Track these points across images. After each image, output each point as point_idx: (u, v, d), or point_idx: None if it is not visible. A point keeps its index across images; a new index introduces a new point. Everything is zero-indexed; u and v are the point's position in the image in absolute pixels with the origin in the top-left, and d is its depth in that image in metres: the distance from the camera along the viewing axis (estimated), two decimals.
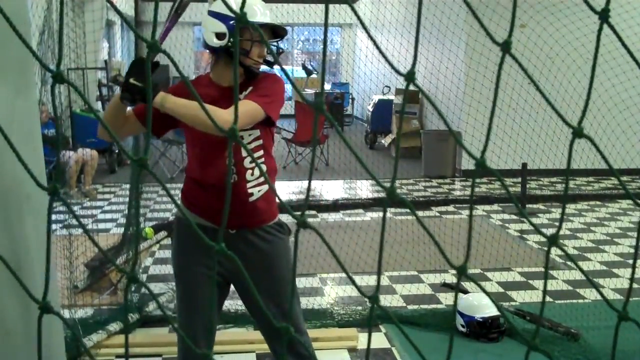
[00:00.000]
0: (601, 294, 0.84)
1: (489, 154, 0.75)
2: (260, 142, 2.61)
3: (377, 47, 0.81)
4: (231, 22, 2.49)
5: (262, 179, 2.56)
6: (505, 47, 0.75)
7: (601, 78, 8.35)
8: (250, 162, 2.55)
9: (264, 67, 2.66)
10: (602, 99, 8.16)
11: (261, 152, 2.61)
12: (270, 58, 2.61)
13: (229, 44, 2.50)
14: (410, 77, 0.75)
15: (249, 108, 2.43)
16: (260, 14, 2.54)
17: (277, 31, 2.63)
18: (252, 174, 2.57)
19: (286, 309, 2.66)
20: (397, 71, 0.79)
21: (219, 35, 2.52)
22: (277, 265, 2.68)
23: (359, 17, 0.83)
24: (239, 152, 2.55)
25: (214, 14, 2.55)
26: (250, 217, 2.61)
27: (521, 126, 8.32)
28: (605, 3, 0.77)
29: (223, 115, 2.34)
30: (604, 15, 0.76)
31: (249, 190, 2.57)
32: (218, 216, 2.50)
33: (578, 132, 0.78)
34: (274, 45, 2.72)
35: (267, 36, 2.59)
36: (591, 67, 0.80)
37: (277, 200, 2.72)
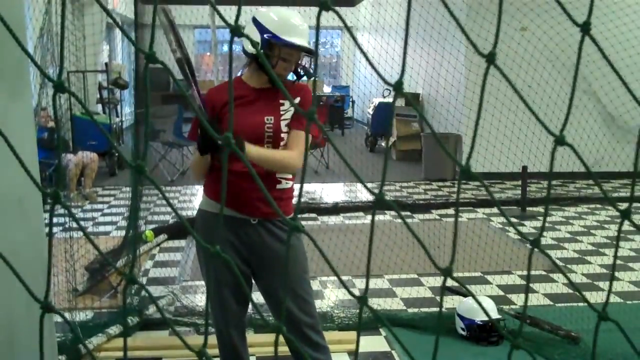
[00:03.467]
0: (583, 295, 0.84)
1: (488, 156, 0.75)
2: None
3: (365, 55, 0.80)
4: (265, 36, 2.66)
5: (290, 174, 2.81)
6: (490, 58, 0.76)
7: (601, 82, 8.36)
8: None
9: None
10: (603, 101, 8.17)
11: None
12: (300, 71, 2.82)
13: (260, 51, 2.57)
14: (398, 87, 0.75)
15: (301, 140, 2.74)
16: (297, 36, 2.68)
17: (309, 50, 2.76)
18: None
19: (301, 303, 2.81)
20: (385, 81, 0.79)
21: (253, 43, 2.57)
22: (295, 258, 2.82)
23: (344, 23, 0.83)
24: (279, 143, 2.74)
25: (256, 22, 2.72)
26: (269, 209, 2.72)
27: (522, 129, 8.32)
28: (587, 16, 0.77)
29: (296, 163, 2.72)
30: (585, 28, 0.76)
31: (279, 177, 2.77)
32: (246, 205, 2.69)
33: (560, 140, 0.78)
34: (301, 64, 2.83)
35: (296, 57, 2.74)
36: (572, 77, 0.80)
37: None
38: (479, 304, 0.86)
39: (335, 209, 8.09)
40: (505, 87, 0.90)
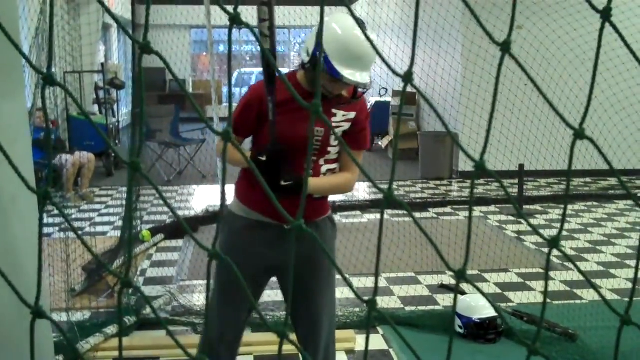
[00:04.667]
0: (603, 297, 0.84)
1: (485, 155, 0.75)
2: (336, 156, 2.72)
3: (375, 48, 0.80)
4: (319, 56, 2.46)
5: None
6: (505, 47, 0.75)
7: (598, 79, 8.36)
8: (327, 171, 2.66)
9: None
10: (599, 99, 8.17)
11: (335, 166, 2.72)
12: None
13: (308, 65, 2.52)
14: (407, 77, 0.74)
15: (360, 160, 2.73)
16: (351, 73, 2.43)
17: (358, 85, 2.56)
18: (325, 175, 2.67)
19: (324, 308, 2.74)
20: (395, 72, 0.79)
21: (308, 51, 2.53)
22: (324, 260, 2.73)
23: (355, 18, 0.83)
24: (318, 161, 2.64)
25: (318, 34, 2.54)
26: (308, 212, 2.64)
27: (518, 127, 8.33)
28: (607, 2, 0.76)
29: (352, 187, 2.74)
30: (605, 14, 0.75)
31: None
32: (275, 211, 2.52)
33: (580, 134, 0.77)
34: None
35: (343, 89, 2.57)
36: (593, 67, 0.79)
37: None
38: (488, 300, 0.86)
39: (333, 208, 8.07)
40: (501, 85, 0.90)
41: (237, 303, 2.72)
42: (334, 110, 2.60)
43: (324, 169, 2.65)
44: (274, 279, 2.83)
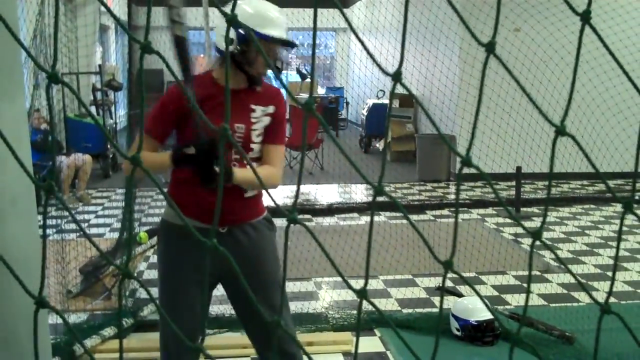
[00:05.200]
0: (580, 283, 0.84)
1: (482, 157, 0.75)
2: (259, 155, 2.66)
3: (366, 49, 0.80)
4: (240, 30, 2.48)
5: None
6: (489, 48, 0.75)
7: (595, 82, 8.38)
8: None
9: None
10: (596, 102, 8.18)
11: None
12: (278, 64, 2.64)
13: (236, 50, 2.51)
14: (397, 77, 0.74)
15: (282, 154, 2.67)
16: (274, 28, 2.52)
17: (289, 41, 2.62)
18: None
19: (276, 307, 2.61)
20: (384, 71, 0.79)
21: (231, 41, 2.52)
22: (266, 259, 2.68)
23: (349, 23, 0.83)
24: (247, 154, 2.58)
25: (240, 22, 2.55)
26: (242, 212, 2.61)
27: (515, 129, 8.34)
28: (587, 4, 0.77)
29: (278, 182, 2.62)
30: (585, 17, 0.76)
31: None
32: (209, 214, 2.45)
33: (561, 130, 0.78)
34: (287, 49, 2.70)
35: (277, 47, 2.59)
36: (573, 69, 0.80)
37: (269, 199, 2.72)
38: (484, 302, 0.86)
39: (330, 210, 8.09)
40: (499, 88, 0.89)
41: (184, 309, 2.61)
42: (252, 106, 2.59)
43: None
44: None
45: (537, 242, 0.77)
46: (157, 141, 2.57)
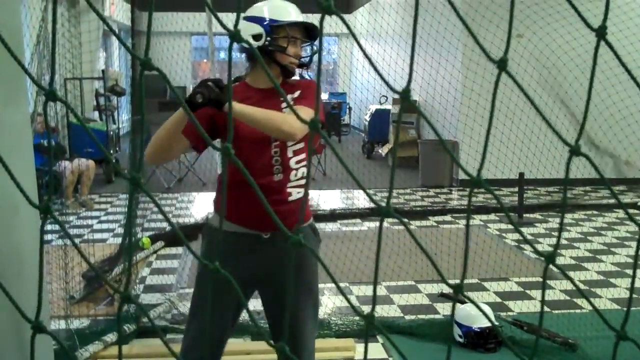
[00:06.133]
0: (599, 312, 0.84)
1: (485, 163, 0.75)
2: (303, 145, 2.62)
3: (371, 62, 0.80)
4: (265, 23, 2.56)
5: (302, 181, 2.59)
6: (502, 65, 0.74)
7: (598, 88, 8.37)
8: (297, 163, 2.59)
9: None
10: (599, 108, 8.17)
11: (304, 155, 2.61)
12: (305, 60, 2.67)
13: (267, 42, 2.55)
14: (405, 94, 0.74)
15: (310, 112, 2.43)
16: (294, 14, 2.61)
17: (311, 32, 2.66)
18: (295, 175, 2.59)
19: (305, 319, 2.63)
20: (392, 88, 0.78)
21: (256, 37, 2.57)
22: (305, 269, 2.65)
23: (351, 32, 0.83)
24: (285, 152, 2.58)
25: (248, 19, 2.60)
26: (287, 218, 2.51)
27: (518, 136, 8.33)
28: (602, 20, 0.76)
29: (288, 126, 2.39)
30: (600, 32, 0.75)
31: (288, 190, 2.58)
32: (257, 220, 2.50)
33: (575, 150, 0.77)
34: (309, 45, 2.71)
35: (301, 36, 2.63)
36: (588, 84, 0.79)
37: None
38: (484, 313, 0.86)
39: (332, 216, 8.08)
40: (501, 94, 0.90)
41: (216, 316, 2.63)
42: (281, 98, 2.54)
43: (292, 161, 2.58)
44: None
45: (554, 258, 0.77)
46: (190, 140, 2.56)
